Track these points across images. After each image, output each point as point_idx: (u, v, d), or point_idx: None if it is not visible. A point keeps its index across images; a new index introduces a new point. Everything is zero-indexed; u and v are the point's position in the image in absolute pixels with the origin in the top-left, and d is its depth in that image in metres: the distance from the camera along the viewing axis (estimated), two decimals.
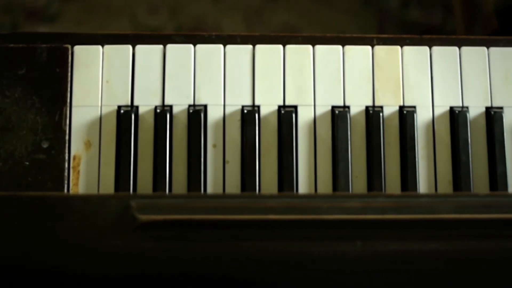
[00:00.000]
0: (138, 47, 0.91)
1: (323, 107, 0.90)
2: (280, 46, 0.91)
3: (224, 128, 0.89)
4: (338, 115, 0.89)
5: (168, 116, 0.88)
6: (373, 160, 0.88)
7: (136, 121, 0.89)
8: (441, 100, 0.91)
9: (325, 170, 0.89)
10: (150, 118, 0.89)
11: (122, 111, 0.88)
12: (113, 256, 0.74)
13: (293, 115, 0.89)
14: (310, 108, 0.90)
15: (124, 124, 0.88)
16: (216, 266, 0.75)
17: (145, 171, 0.88)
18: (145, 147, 0.88)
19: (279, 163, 0.88)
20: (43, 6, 1.73)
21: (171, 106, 0.89)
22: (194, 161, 0.88)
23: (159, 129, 0.88)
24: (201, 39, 0.92)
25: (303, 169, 0.88)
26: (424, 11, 1.76)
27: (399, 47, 0.91)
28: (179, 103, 0.89)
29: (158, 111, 0.89)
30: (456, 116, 0.89)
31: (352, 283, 0.75)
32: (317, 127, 0.89)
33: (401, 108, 0.90)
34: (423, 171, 0.89)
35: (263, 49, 0.91)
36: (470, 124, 0.90)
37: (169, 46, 0.91)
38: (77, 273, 0.74)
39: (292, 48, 0.91)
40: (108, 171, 0.88)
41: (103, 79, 0.90)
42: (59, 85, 0.89)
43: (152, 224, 0.74)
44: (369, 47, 0.91)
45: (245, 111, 0.89)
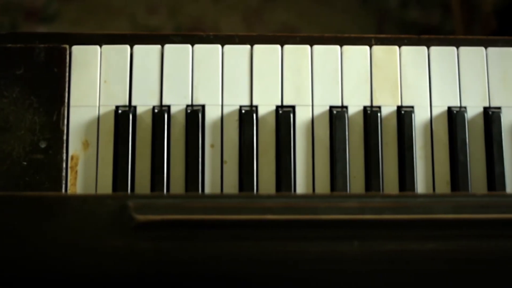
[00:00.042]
0: (136, 47, 0.90)
1: (321, 107, 0.90)
2: (278, 46, 0.91)
3: (222, 128, 0.89)
4: (336, 115, 0.89)
5: (166, 116, 0.88)
6: (371, 160, 0.88)
7: (134, 121, 0.89)
8: (439, 100, 0.90)
9: (323, 170, 0.88)
10: (148, 118, 0.89)
11: (120, 111, 0.88)
12: (110, 256, 0.74)
13: (291, 115, 0.89)
14: (308, 108, 0.90)
15: (122, 124, 0.88)
16: (213, 266, 0.75)
17: (143, 171, 0.88)
18: (143, 147, 0.88)
19: (277, 163, 0.88)
20: (42, 6, 1.73)
21: (169, 106, 0.89)
22: (192, 161, 0.87)
23: (157, 129, 0.88)
24: (199, 39, 0.92)
25: (301, 169, 0.88)
26: (423, 11, 1.77)
27: (397, 47, 0.91)
28: (177, 103, 0.89)
29: (156, 111, 0.88)
30: (454, 116, 0.89)
31: (350, 283, 0.75)
32: (315, 127, 0.89)
33: (399, 108, 0.90)
34: (421, 171, 0.89)
35: (261, 49, 0.91)
36: (468, 124, 0.89)
37: (167, 46, 0.90)
38: (74, 273, 0.74)
39: (290, 48, 0.91)
40: (106, 171, 0.88)
41: (101, 79, 0.90)
42: (57, 85, 0.89)
43: (150, 224, 0.74)
44: (367, 47, 0.91)
45: (243, 111, 0.89)
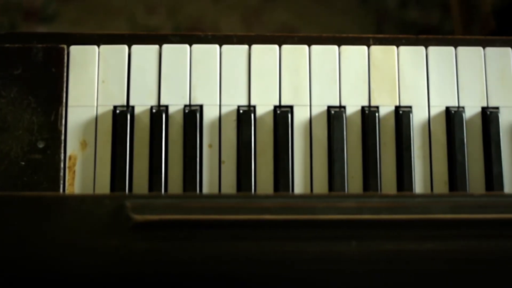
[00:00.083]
0: (134, 47, 0.90)
1: (319, 107, 0.90)
2: (276, 46, 0.91)
3: (220, 128, 0.89)
4: (334, 115, 0.89)
5: (164, 116, 0.88)
6: (369, 160, 0.88)
7: (132, 121, 0.89)
8: (437, 100, 0.90)
9: (321, 170, 0.88)
10: (146, 118, 0.89)
11: (118, 111, 0.88)
12: (108, 256, 0.74)
13: (289, 115, 0.89)
14: (306, 108, 0.90)
15: (120, 124, 0.88)
16: (211, 266, 0.75)
17: (140, 171, 0.88)
18: (141, 147, 0.88)
19: (275, 163, 0.88)
20: (41, 6, 1.73)
21: (167, 106, 0.89)
22: (190, 161, 0.87)
23: (154, 129, 0.88)
24: (197, 39, 0.92)
25: (299, 169, 0.88)
26: (422, 11, 1.76)
27: (395, 47, 0.91)
28: (175, 103, 0.89)
29: (154, 111, 0.88)
30: (452, 116, 0.89)
31: (348, 283, 0.75)
32: (313, 127, 0.89)
33: (397, 108, 0.90)
34: (419, 171, 0.89)
35: (259, 49, 0.91)
36: (466, 124, 0.89)
37: (165, 46, 0.90)
38: (72, 273, 0.74)
39: (288, 48, 0.91)
40: (104, 171, 0.88)
41: (99, 79, 0.90)
42: (55, 85, 0.89)
43: (147, 224, 0.74)
44: (365, 47, 0.91)
45: (241, 111, 0.89)
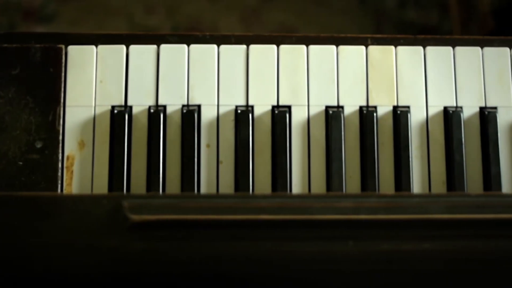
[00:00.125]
0: (132, 47, 0.90)
1: (317, 107, 0.90)
2: (274, 46, 0.91)
3: (217, 128, 0.89)
4: (332, 115, 0.89)
5: (162, 116, 0.88)
6: (366, 160, 0.88)
7: (130, 121, 0.89)
8: (435, 100, 0.90)
9: (318, 170, 0.88)
10: (144, 118, 0.89)
11: (116, 111, 0.88)
12: (105, 256, 0.74)
13: (287, 115, 0.89)
14: (304, 108, 0.90)
15: (117, 124, 0.88)
16: (209, 266, 0.75)
17: (138, 171, 0.88)
18: (139, 147, 0.88)
19: (272, 163, 0.88)
20: (40, 6, 1.73)
21: (164, 106, 0.89)
22: (188, 161, 0.87)
23: (152, 129, 0.88)
24: (195, 39, 0.92)
25: (297, 169, 0.88)
26: (421, 11, 1.76)
27: (393, 47, 0.91)
28: (173, 103, 0.89)
29: (152, 111, 0.88)
30: (450, 116, 0.89)
31: (345, 283, 0.75)
32: (311, 127, 0.89)
33: (395, 108, 0.90)
34: (417, 171, 0.89)
35: (257, 49, 0.91)
36: (464, 124, 0.89)
37: (163, 46, 0.90)
38: (69, 273, 0.74)
39: (286, 48, 0.91)
40: (102, 171, 0.88)
41: (97, 79, 0.90)
42: (53, 85, 0.89)
43: (144, 224, 0.74)
44: (363, 47, 0.91)
45: (239, 111, 0.89)
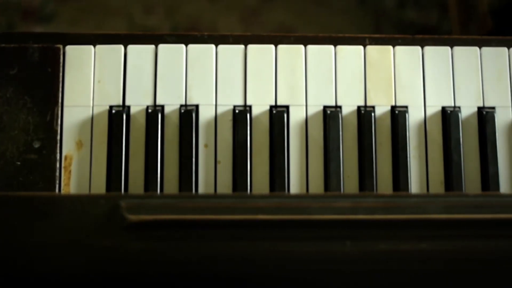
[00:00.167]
0: (130, 47, 0.90)
1: (315, 107, 0.90)
2: (272, 46, 0.91)
3: (215, 128, 0.89)
4: (330, 115, 0.89)
5: (160, 116, 0.88)
6: (364, 160, 0.88)
7: (128, 121, 0.89)
8: (433, 100, 0.90)
9: (316, 170, 0.88)
10: (142, 118, 0.89)
11: (114, 111, 0.88)
12: (103, 256, 0.74)
13: (285, 115, 0.89)
14: (302, 108, 0.90)
15: (115, 124, 0.88)
16: (206, 266, 0.75)
17: (136, 171, 0.88)
18: (137, 147, 0.88)
19: (270, 163, 0.88)
20: (39, 6, 1.73)
21: (162, 106, 0.89)
22: (186, 161, 0.87)
23: (150, 129, 0.88)
24: (193, 39, 0.92)
25: (295, 169, 0.88)
26: (420, 11, 1.76)
27: (391, 47, 0.91)
28: (171, 103, 0.89)
29: (150, 111, 0.88)
30: (448, 116, 0.89)
31: (342, 283, 0.75)
32: (309, 127, 0.89)
33: (393, 108, 0.90)
34: (415, 171, 0.89)
35: (255, 49, 0.91)
36: (462, 124, 0.89)
37: (161, 46, 0.90)
38: (66, 273, 0.74)
39: (284, 48, 0.91)
40: (100, 171, 0.88)
41: (95, 79, 0.90)
42: (51, 85, 0.89)
43: (142, 224, 0.74)
44: (361, 47, 0.91)
45: (237, 111, 0.89)
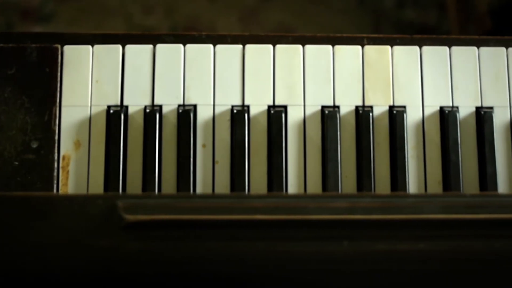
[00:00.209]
0: (128, 47, 0.90)
1: (312, 107, 0.90)
2: (270, 46, 0.91)
3: (213, 128, 0.89)
4: (328, 115, 0.89)
5: (158, 116, 0.88)
6: (362, 160, 0.88)
7: (126, 121, 0.89)
8: (431, 100, 0.90)
9: (314, 170, 0.88)
10: (140, 118, 0.89)
11: (112, 111, 0.88)
12: (100, 256, 0.74)
13: (283, 115, 0.89)
14: (300, 108, 0.90)
15: (113, 124, 0.88)
16: (204, 267, 0.75)
17: (134, 171, 0.88)
18: (135, 147, 0.88)
19: (268, 163, 0.88)
20: (38, 6, 1.73)
21: (160, 106, 0.89)
22: (184, 161, 0.87)
23: (148, 129, 0.88)
24: (191, 39, 0.92)
25: (293, 169, 0.88)
26: (419, 11, 1.76)
27: (389, 47, 0.91)
28: (169, 103, 0.89)
29: (148, 111, 0.88)
30: (446, 116, 0.89)
31: (340, 283, 0.75)
32: (307, 127, 0.89)
33: (391, 108, 0.90)
34: (413, 171, 0.89)
35: (253, 49, 0.91)
36: (460, 124, 0.89)
37: (159, 46, 0.90)
38: (63, 273, 0.74)
39: (282, 48, 0.91)
40: (98, 171, 0.88)
41: (93, 79, 0.90)
42: (49, 85, 0.89)
43: (139, 224, 0.74)
44: (359, 47, 0.91)
45: (235, 111, 0.89)
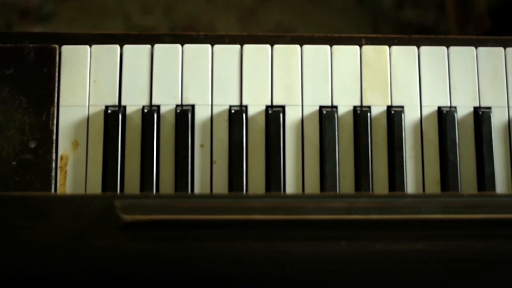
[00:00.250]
0: (126, 47, 0.90)
1: (310, 107, 0.90)
2: (268, 46, 0.91)
3: (211, 128, 0.89)
4: (326, 115, 0.89)
5: (156, 116, 0.88)
6: (360, 160, 0.88)
7: (124, 121, 0.88)
8: (429, 100, 0.90)
9: (312, 170, 0.88)
10: (138, 118, 0.89)
11: (110, 111, 0.88)
12: (98, 256, 0.74)
13: (281, 115, 0.89)
14: (298, 108, 0.90)
15: (111, 124, 0.88)
16: (201, 266, 0.75)
17: (132, 171, 0.88)
18: (133, 147, 0.88)
19: (266, 163, 0.88)
20: (37, 6, 1.73)
21: (158, 106, 0.89)
22: (182, 161, 0.87)
23: (146, 129, 0.88)
24: (189, 39, 0.92)
25: (291, 169, 0.88)
26: (418, 11, 1.76)
27: (387, 47, 0.91)
28: (167, 103, 0.89)
29: (146, 111, 0.88)
30: (444, 116, 0.89)
31: (337, 282, 0.75)
32: (305, 127, 0.89)
33: (389, 108, 0.90)
34: (411, 171, 0.89)
35: (251, 49, 0.91)
36: (458, 124, 0.89)
37: (157, 46, 0.90)
38: (61, 273, 0.74)
39: (280, 48, 0.91)
40: (96, 171, 0.88)
41: (91, 79, 0.90)
42: (47, 85, 0.89)
43: (137, 224, 0.74)
44: (357, 47, 0.91)
45: (233, 111, 0.89)
